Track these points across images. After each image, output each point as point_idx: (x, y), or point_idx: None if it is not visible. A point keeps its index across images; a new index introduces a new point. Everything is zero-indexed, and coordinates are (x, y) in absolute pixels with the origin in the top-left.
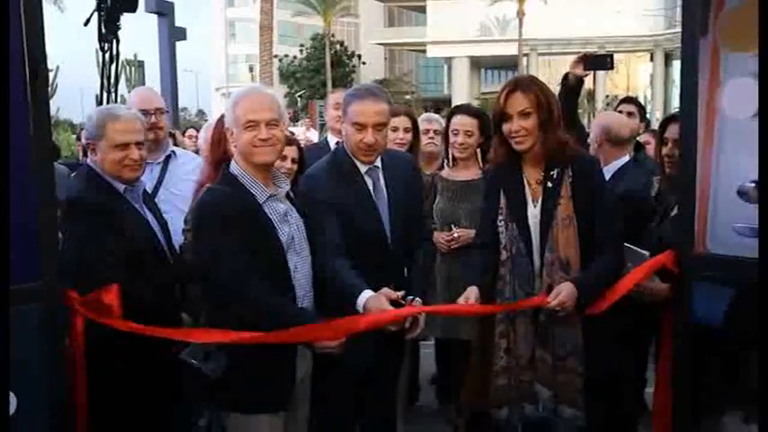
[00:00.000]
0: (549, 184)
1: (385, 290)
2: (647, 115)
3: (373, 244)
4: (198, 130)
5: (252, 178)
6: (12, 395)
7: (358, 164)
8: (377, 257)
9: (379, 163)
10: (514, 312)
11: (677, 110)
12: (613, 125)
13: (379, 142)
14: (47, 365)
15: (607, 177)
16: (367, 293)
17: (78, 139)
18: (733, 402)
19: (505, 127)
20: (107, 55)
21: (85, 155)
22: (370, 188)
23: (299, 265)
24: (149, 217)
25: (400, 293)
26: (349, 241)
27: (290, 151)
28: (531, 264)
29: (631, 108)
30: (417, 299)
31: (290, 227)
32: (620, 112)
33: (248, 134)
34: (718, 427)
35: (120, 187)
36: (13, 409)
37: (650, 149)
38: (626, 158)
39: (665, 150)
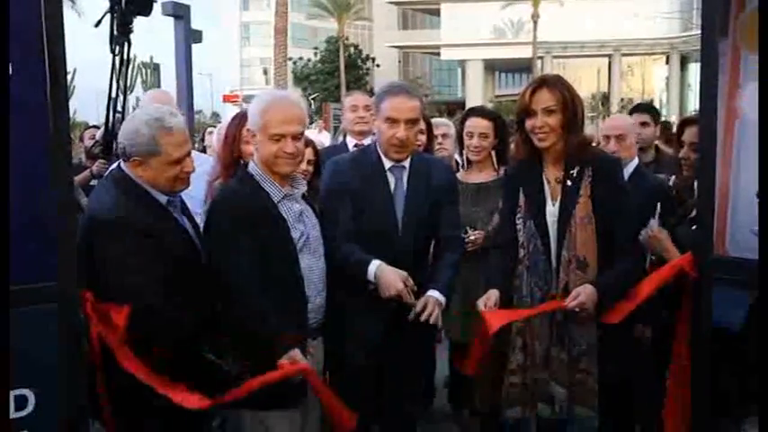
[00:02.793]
0: (569, 183)
1: (404, 273)
2: (663, 118)
3: (382, 237)
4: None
5: (269, 179)
6: (29, 392)
7: (384, 160)
8: (385, 251)
9: (406, 164)
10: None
11: (693, 112)
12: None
13: (410, 138)
14: (63, 364)
15: None
16: (378, 261)
17: (81, 140)
18: (753, 407)
19: (529, 123)
20: (118, 58)
21: (91, 158)
22: (391, 185)
23: (314, 265)
24: (188, 226)
25: (412, 284)
26: (360, 231)
27: (306, 153)
28: (549, 262)
29: (645, 118)
30: (435, 291)
31: (305, 226)
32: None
33: (274, 145)
34: (736, 427)
35: (163, 199)
36: (31, 405)
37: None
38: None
39: (681, 153)
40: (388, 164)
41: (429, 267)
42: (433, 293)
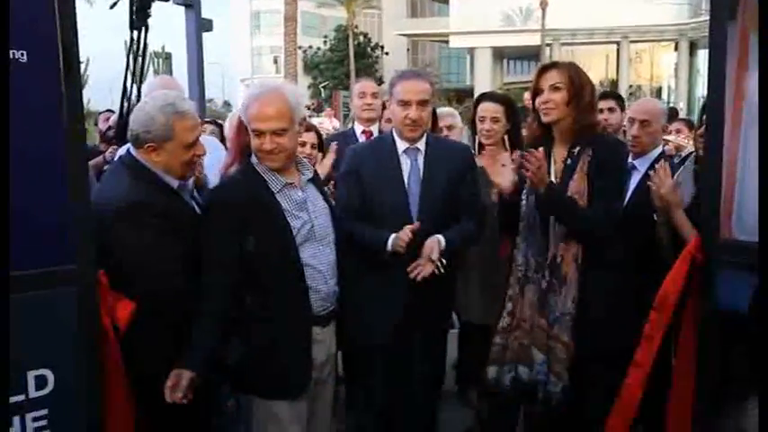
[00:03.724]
0: (569, 161)
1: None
2: (671, 104)
3: (396, 216)
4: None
5: (267, 168)
6: (49, 372)
7: (399, 144)
8: (399, 229)
9: (422, 146)
10: (526, 278)
11: (701, 99)
12: None
13: (422, 118)
14: (82, 344)
15: None
16: (392, 234)
17: (96, 124)
18: (755, 388)
19: (537, 100)
20: (135, 44)
21: (107, 142)
22: (405, 166)
23: (319, 252)
24: (197, 209)
25: (416, 225)
26: (374, 212)
27: (309, 137)
28: (546, 235)
29: (611, 103)
30: (438, 235)
31: (308, 214)
32: (601, 109)
33: (256, 140)
34: (740, 411)
35: (174, 183)
36: (51, 385)
37: (682, 137)
38: None
39: (700, 131)
40: (402, 147)
41: None
42: (437, 236)
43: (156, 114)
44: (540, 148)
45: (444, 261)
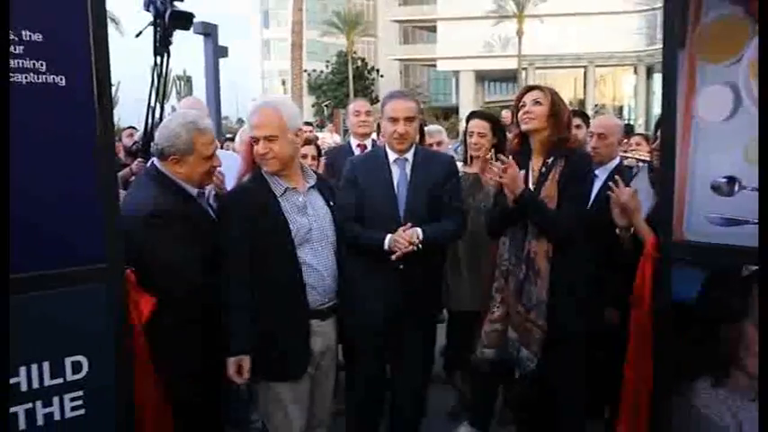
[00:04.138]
0: (544, 170)
1: (400, 229)
2: (630, 121)
3: (386, 217)
4: None
5: (271, 174)
6: (84, 358)
7: (389, 154)
8: (390, 231)
9: (410, 157)
10: (508, 271)
11: (657, 116)
12: None
13: (409, 132)
14: (113, 335)
15: None
16: (389, 235)
17: (119, 140)
18: (704, 370)
19: (520, 112)
20: (158, 67)
21: (131, 155)
22: (395, 175)
23: (319, 253)
24: (213, 215)
25: (408, 227)
26: (367, 215)
27: (309, 149)
28: (524, 233)
29: (578, 121)
30: (417, 228)
31: (308, 218)
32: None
33: (255, 146)
34: (690, 391)
35: (194, 192)
36: (85, 369)
37: (641, 149)
38: None
39: (654, 145)
40: (393, 157)
41: None
42: (416, 228)
43: (179, 131)
44: (510, 158)
45: (420, 246)
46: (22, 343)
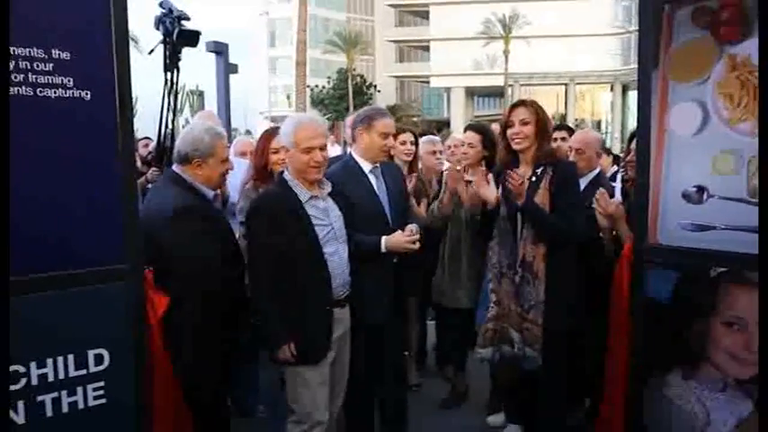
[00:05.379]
0: (534, 179)
1: (398, 232)
2: (606, 133)
3: (377, 223)
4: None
5: (298, 183)
6: (105, 351)
7: (362, 165)
8: (381, 234)
9: (378, 166)
10: (502, 274)
11: (632, 129)
12: None
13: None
14: (132, 330)
15: None
16: (384, 237)
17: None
18: (675, 363)
19: (509, 132)
20: (169, 82)
21: (146, 164)
22: (373, 183)
23: (339, 249)
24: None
25: (412, 227)
26: (358, 222)
27: None
28: (515, 238)
29: (564, 134)
30: (412, 225)
31: (329, 220)
32: (555, 139)
33: (305, 156)
34: (663, 382)
35: (210, 194)
36: (107, 362)
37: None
38: None
39: (629, 157)
40: (367, 167)
41: None
42: (413, 224)
43: (203, 136)
44: (516, 170)
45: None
46: (50, 337)
